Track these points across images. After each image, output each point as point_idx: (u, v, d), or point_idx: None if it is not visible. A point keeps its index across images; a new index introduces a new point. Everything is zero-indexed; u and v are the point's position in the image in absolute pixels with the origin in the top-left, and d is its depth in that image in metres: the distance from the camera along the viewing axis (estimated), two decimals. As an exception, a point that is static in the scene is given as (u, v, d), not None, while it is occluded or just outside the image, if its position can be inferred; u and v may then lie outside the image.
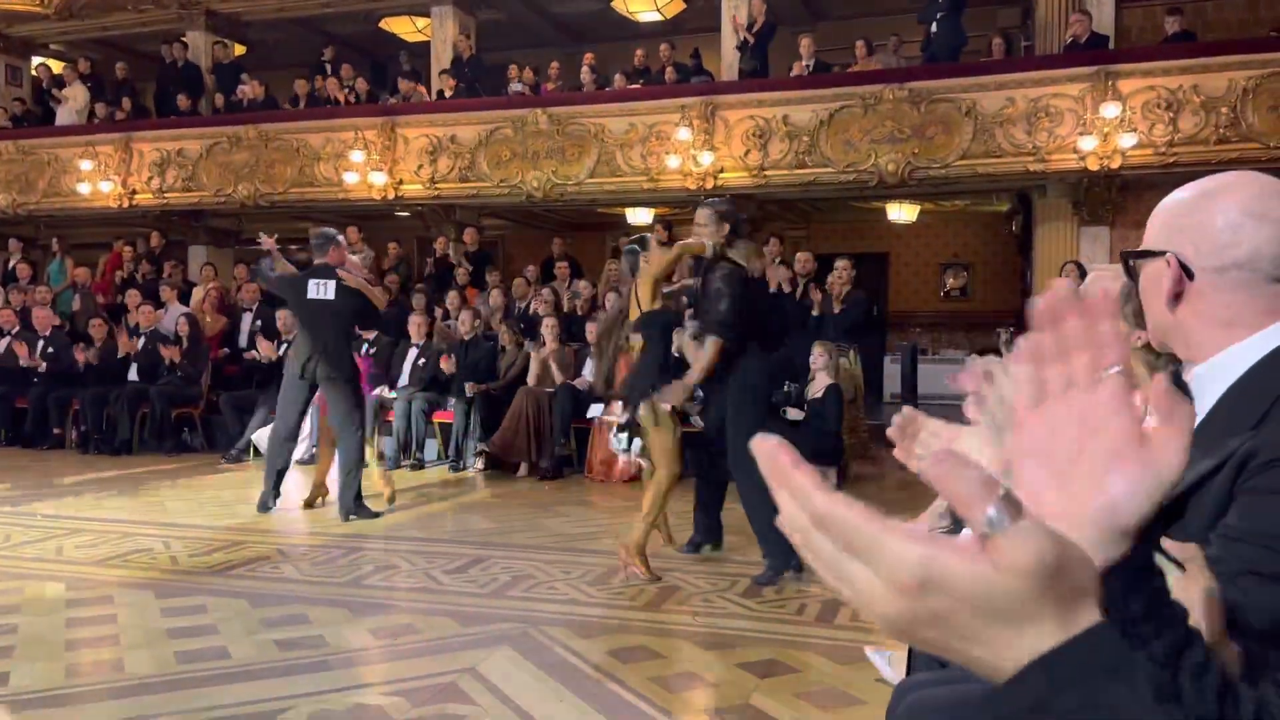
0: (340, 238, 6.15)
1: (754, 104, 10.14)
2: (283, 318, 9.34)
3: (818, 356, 7.24)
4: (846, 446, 7.42)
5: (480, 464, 8.05)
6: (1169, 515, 1.13)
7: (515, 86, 11.73)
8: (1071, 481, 0.61)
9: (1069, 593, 0.50)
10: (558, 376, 8.10)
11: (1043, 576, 0.49)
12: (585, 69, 11.53)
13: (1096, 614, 0.51)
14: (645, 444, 4.65)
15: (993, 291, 14.26)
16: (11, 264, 12.67)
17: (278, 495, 6.26)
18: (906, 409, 1.36)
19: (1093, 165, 8.95)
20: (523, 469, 7.85)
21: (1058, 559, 0.49)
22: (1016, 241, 12.69)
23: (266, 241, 6.17)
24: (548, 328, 8.28)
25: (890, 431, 1.34)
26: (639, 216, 12.67)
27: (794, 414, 7.20)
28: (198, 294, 10.89)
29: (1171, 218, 1.20)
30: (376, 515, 6.04)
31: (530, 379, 8.25)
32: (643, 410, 4.57)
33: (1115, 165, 8.93)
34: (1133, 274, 1.28)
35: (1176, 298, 1.18)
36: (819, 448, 7.08)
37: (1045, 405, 0.63)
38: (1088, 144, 8.89)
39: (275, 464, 6.21)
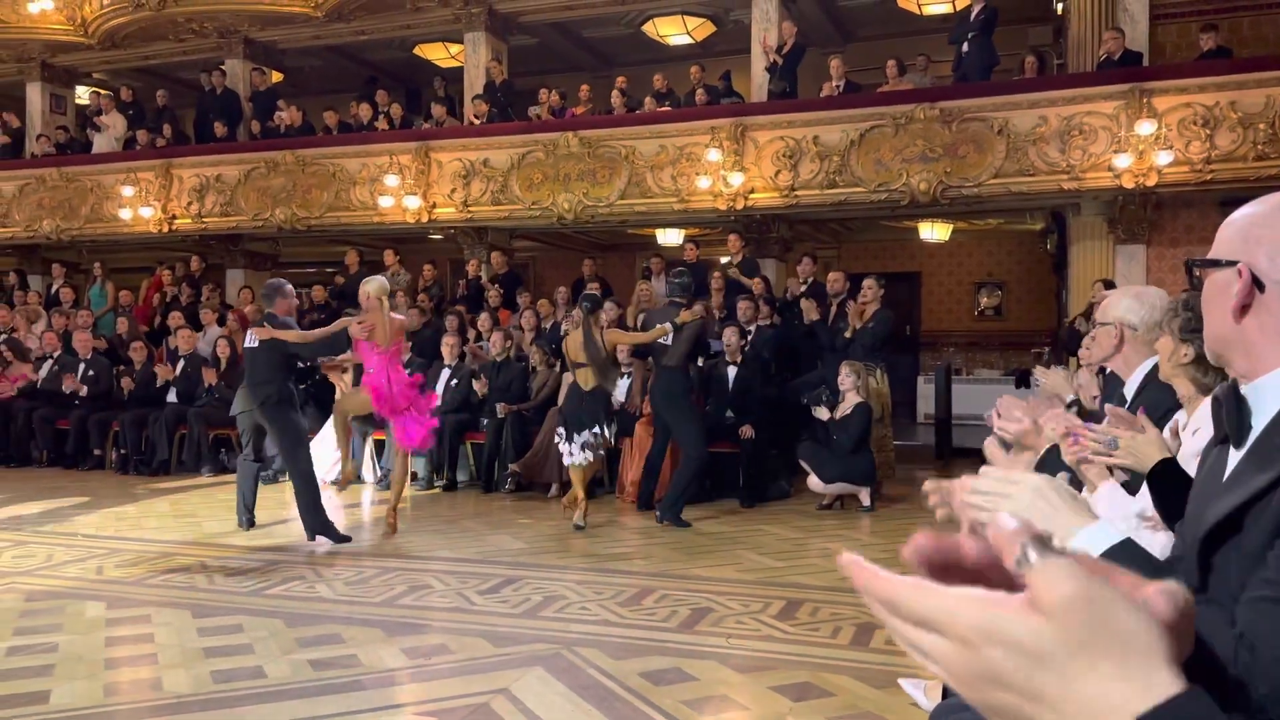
0: (287, 287, 6.59)
1: (784, 124, 10.15)
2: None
3: (845, 376, 7.22)
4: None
5: (511, 484, 8.08)
6: (1224, 530, 1.12)
7: (534, 109, 11.84)
8: None
9: (1121, 642, 0.50)
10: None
11: (1076, 611, 0.50)
12: (616, 92, 11.62)
13: (1173, 679, 0.51)
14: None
15: (1027, 310, 14.12)
16: (55, 288, 12.95)
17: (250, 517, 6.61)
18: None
19: (1128, 183, 8.86)
20: (553, 489, 7.86)
21: (1088, 593, 0.50)
22: (1051, 260, 12.57)
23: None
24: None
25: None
26: (669, 237, 12.70)
27: (821, 413, 7.20)
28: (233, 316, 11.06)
29: (1247, 228, 1.19)
30: (346, 539, 6.01)
31: (561, 400, 8.25)
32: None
33: (1151, 183, 8.83)
34: (1195, 282, 1.28)
35: (1243, 309, 1.17)
36: (853, 468, 7.05)
37: None
38: (1122, 162, 8.80)
39: (241, 486, 6.66)
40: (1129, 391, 2.67)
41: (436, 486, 8.26)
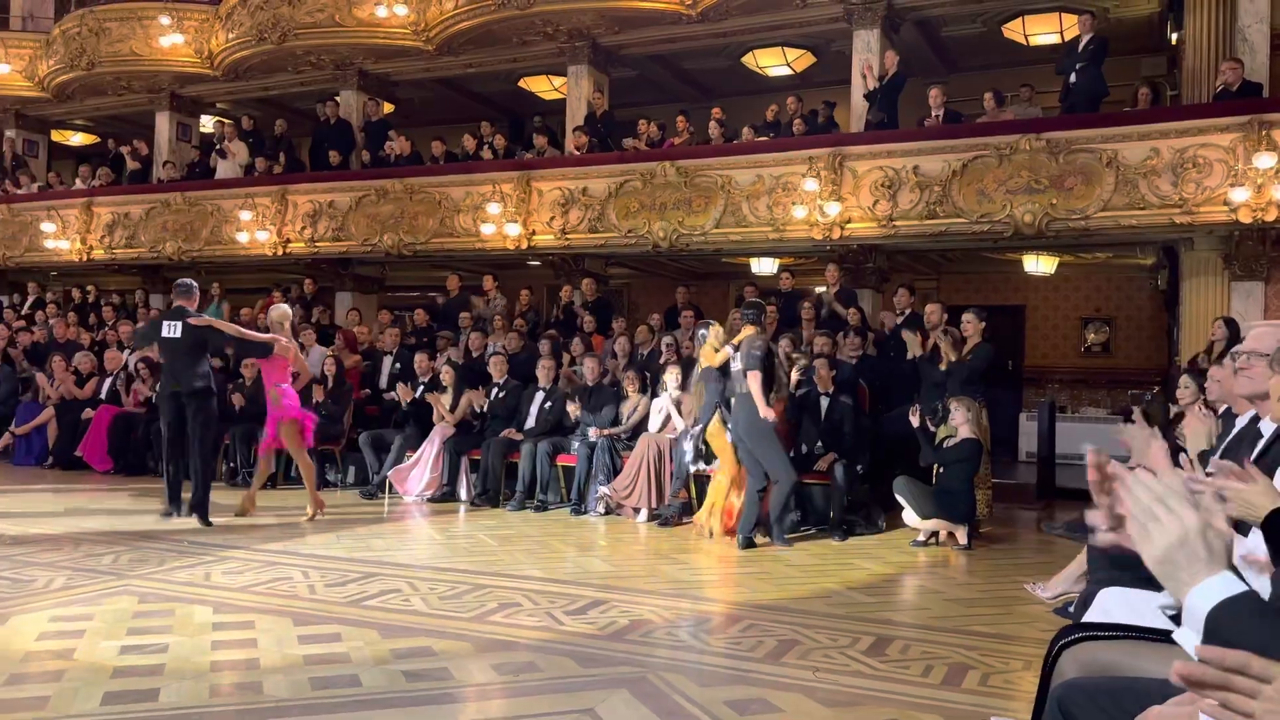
0: (196, 287, 7.76)
1: (883, 154, 10.05)
2: (419, 361, 9.71)
3: (956, 412, 7.06)
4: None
5: (601, 508, 8.13)
6: None
7: (630, 141, 11.97)
8: None
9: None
10: (679, 423, 8.13)
11: None
12: (713, 123, 11.70)
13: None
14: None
15: (1136, 348, 13.59)
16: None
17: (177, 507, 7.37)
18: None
19: (1245, 217, 8.49)
20: (643, 514, 7.88)
21: None
22: (1162, 296, 12.09)
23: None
24: (670, 375, 8.34)
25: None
26: (763, 266, 12.67)
27: (915, 418, 7.13)
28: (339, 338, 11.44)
29: None
30: (208, 524, 7.06)
31: (652, 425, 8.30)
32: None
33: (1270, 218, 8.43)
34: None
35: None
36: (951, 504, 6.88)
37: None
38: (1239, 195, 8.43)
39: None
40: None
41: (528, 507, 8.36)
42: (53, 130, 18.56)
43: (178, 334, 7.34)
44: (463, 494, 8.85)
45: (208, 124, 17.11)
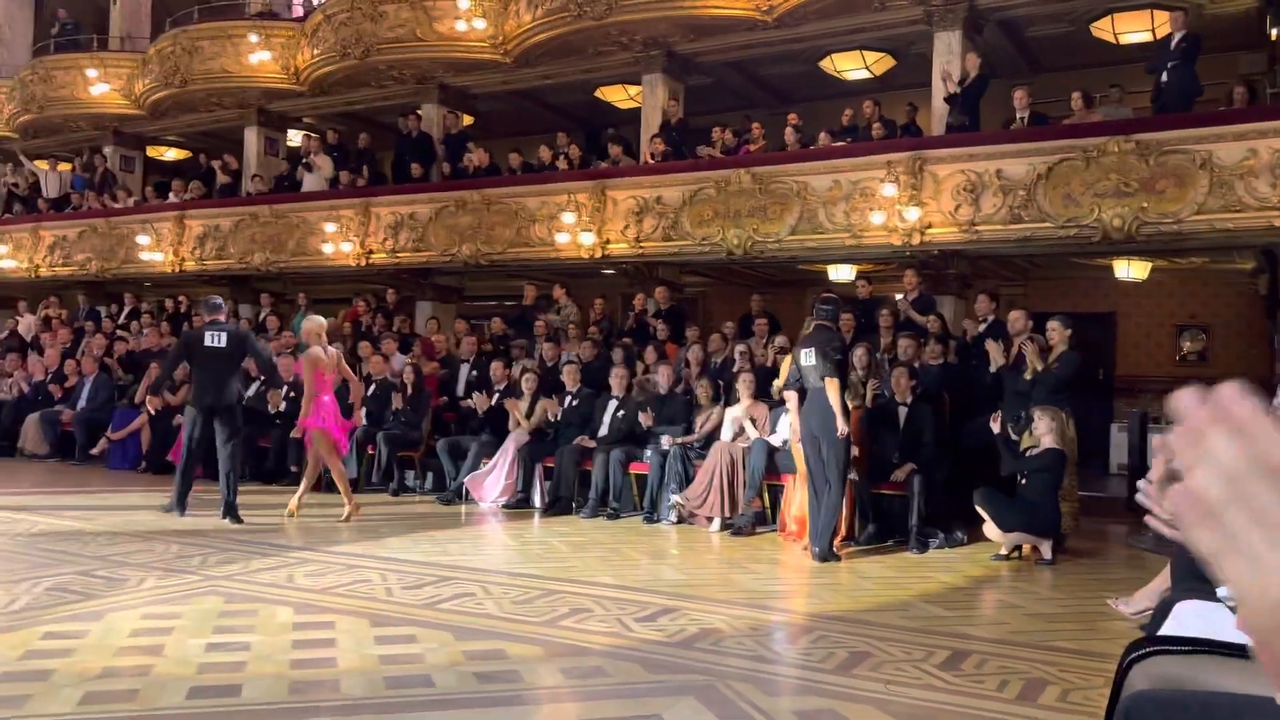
0: (223, 304, 8.21)
1: (965, 158, 9.90)
2: (495, 370, 9.88)
3: (1039, 422, 6.91)
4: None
5: (674, 516, 8.16)
6: None
7: (705, 149, 11.97)
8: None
9: None
10: (752, 432, 8.12)
11: None
12: (789, 128, 11.66)
13: None
14: None
15: (1236, 356, 13.05)
16: (262, 316, 14.10)
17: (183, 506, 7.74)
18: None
19: (1352, 219, 8.12)
20: (715, 523, 7.89)
21: None
22: (1263, 302, 11.61)
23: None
24: (743, 384, 8.34)
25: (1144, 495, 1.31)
26: (840, 273, 12.55)
27: (995, 424, 7.02)
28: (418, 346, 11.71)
29: None
30: (240, 522, 7.43)
31: (725, 434, 8.31)
32: None
33: (1380, 218, 8.06)
34: None
35: None
36: (1035, 517, 6.73)
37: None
38: (1346, 195, 8.08)
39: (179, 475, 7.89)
40: None
41: (601, 515, 8.43)
42: (148, 146, 19.40)
43: (223, 344, 7.61)
44: (537, 501, 8.98)
45: (294, 138, 17.69)
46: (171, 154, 20.20)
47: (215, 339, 7.62)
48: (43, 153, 19.39)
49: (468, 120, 15.50)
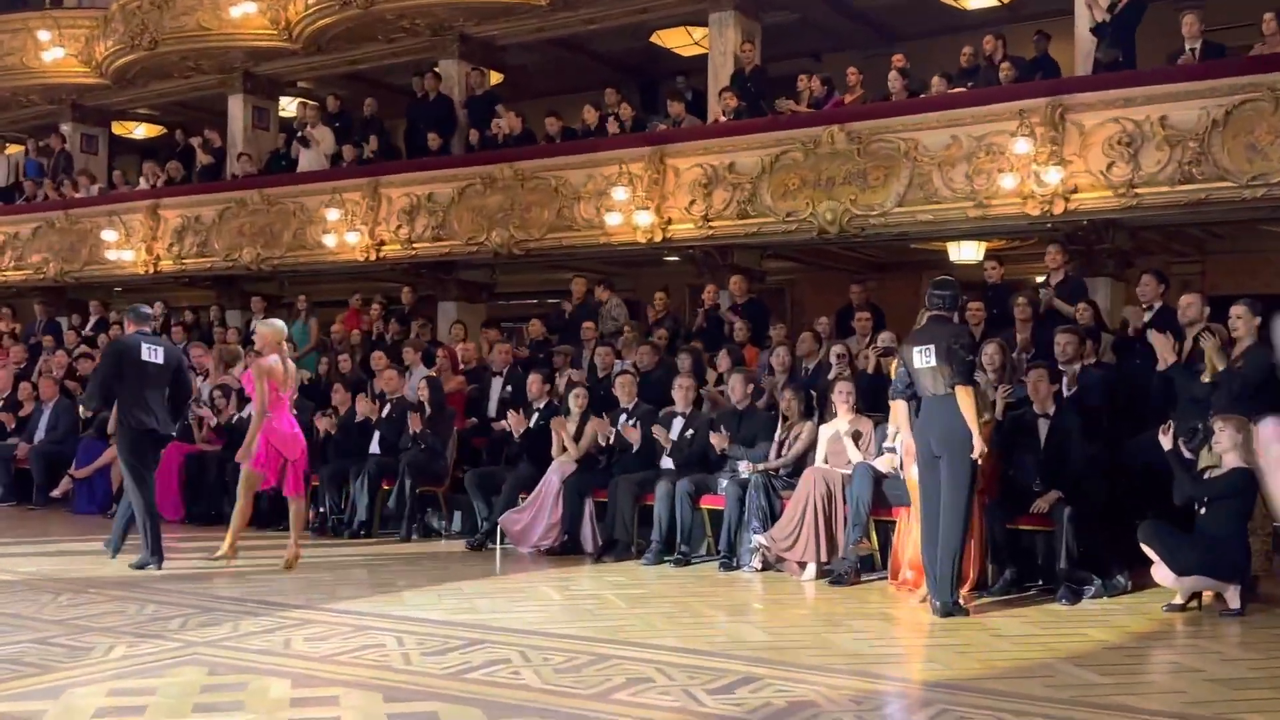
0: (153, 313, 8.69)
1: (1118, 103, 9.76)
2: (533, 384, 9.93)
3: (1222, 435, 6.75)
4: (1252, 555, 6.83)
5: (757, 562, 8.12)
6: None
7: (786, 102, 11.86)
8: None
9: None
10: (854, 455, 8.05)
11: None
12: (893, 74, 11.56)
13: None
14: None
15: None
16: (254, 325, 14.26)
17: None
18: None
19: None
20: (809, 569, 7.83)
21: None
22: None
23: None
24: (841, 394, 8.27)
25: None
26: (963, 253, 12.41)
27: (1166, 440, 6.90)
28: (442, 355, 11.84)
29: None
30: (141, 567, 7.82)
31: (819, 457, 8.25)
32: None
33: None
34: None
35: None
36: (1217, 556, 6.58)
37: None
38: None
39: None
40: None
41: (666, 561, 8.43)
42: (113, 122, 19.94)
43: (161, 360, 7.85)
44: (587, 544, 9.00)
45: (288, 107, 18.04)
46: (141, 130, 20.74)
47: (152, 353, 7.86)
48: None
49: (495, 78, 15.67)
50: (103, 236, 16.20)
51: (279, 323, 8.56)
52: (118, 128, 20.27)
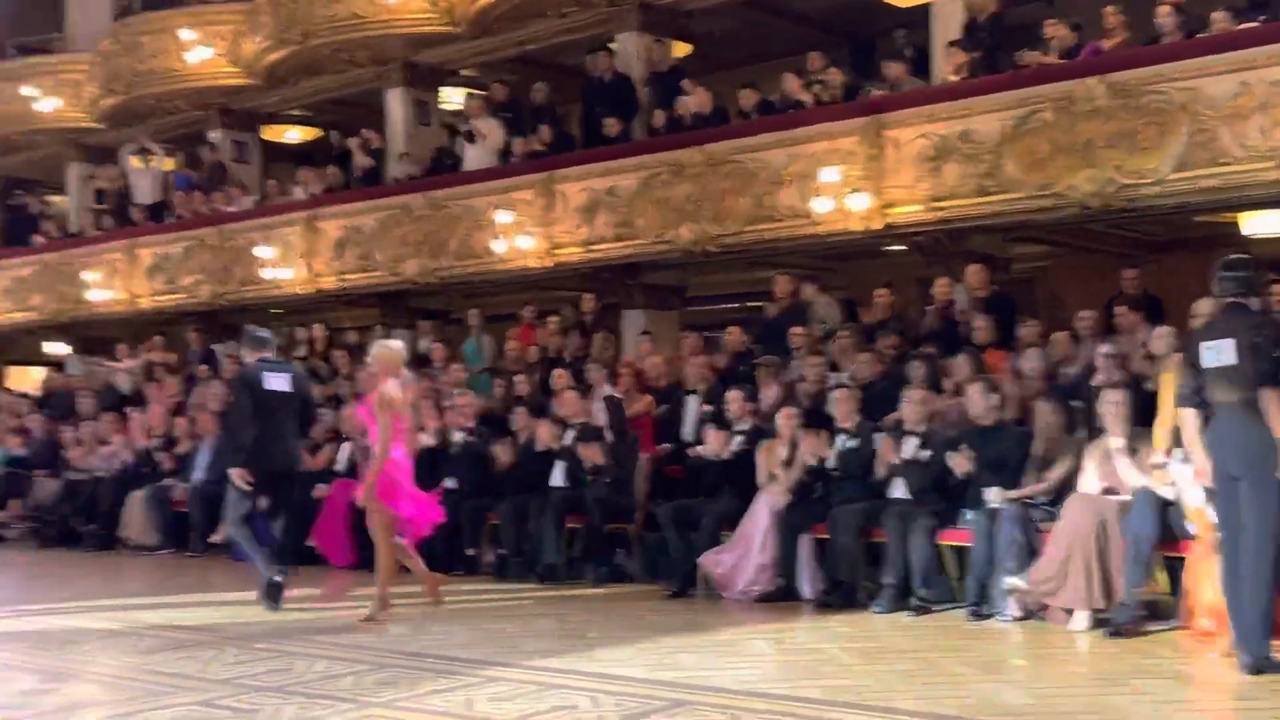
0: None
1: None
2: (734, 401, 9.94)
3: None
4: None
5: (1015, 609, 7.96)
6: None
7: (1030, 55, 11.54)
8: None
9: None
10: (1131, 479, 7.78)
11: None
12: (1164, 9, 11.13)
13: None
14: None
15: None
16: (424, 345, 14.68)
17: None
18: None
19: None
20: (1079, 618, 7.64)
21: None
22: None
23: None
24: (1110, 405, 8.00)
25: None
26: (1261, 225, 11.83)
27: None
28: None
29: None
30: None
31: (1088, 483, 8.03)
32: None
33: None
34: None
35: None
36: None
37: None
38: None
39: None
40: None
41: (901, 608, 8.32)
42: (263, 126, 20.96)
43: (288, 388, 8.23)
44: (805, 589, 8.97)
45: (451, 98, 18.57)
46: (294, 134, 21.79)
47: (277, 381, 8.24)
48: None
49: (681, 49, 15.81)
50: (257, 254, 16.94)
51: (399, 343, 8.91)
52: (267, 132, 21.21)
